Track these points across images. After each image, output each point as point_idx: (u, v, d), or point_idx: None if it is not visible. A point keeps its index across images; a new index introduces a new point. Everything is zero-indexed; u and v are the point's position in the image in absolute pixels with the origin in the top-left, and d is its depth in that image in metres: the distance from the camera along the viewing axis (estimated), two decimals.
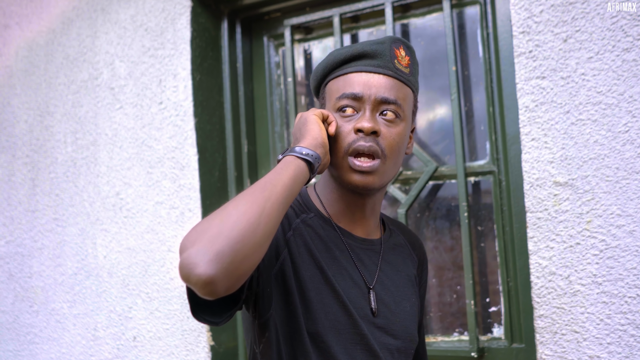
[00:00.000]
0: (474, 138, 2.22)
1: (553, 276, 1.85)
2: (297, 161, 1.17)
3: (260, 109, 2.62)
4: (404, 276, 1.41)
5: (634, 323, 1.75)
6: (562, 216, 1.84)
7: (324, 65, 1.34)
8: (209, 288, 0.98)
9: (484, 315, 2.17)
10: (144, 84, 2.55)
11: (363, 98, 1.27)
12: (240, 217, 1.02)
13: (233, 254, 0.99)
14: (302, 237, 1.27)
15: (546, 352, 1.86)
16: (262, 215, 1.04)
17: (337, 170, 1.28)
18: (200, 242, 0.99)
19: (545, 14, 1.88)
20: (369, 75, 1.28)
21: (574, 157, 1.83)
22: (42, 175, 2.81)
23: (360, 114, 1.27)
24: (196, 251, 0.98)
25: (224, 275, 0.98)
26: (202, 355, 2.39)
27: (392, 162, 1.28)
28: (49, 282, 2.76)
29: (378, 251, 1.37)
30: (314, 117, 1.25)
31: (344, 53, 1.31)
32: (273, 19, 2.61)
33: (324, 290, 1.24)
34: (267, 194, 1.07)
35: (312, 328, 1.22)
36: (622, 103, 1.78)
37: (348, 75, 1.29)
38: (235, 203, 1.06)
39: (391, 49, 1.30)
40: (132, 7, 2.59)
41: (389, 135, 1.26)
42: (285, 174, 1.13)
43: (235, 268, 0.99)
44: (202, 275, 0.97)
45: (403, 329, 1.35)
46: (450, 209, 2.28)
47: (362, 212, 1.34)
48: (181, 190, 2.44)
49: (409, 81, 1.32)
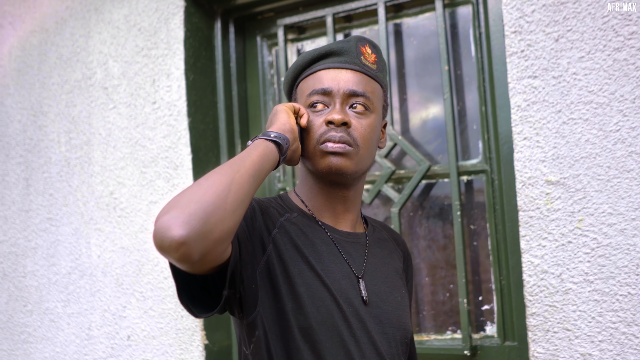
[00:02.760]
0: (466, 137, 2.23)
1: (545, 274, 1.86)
2: (265, 142, 1.21)
3: (254, 109, 2.63)
4: (391, 268, 1.43)
5: (625, 321, 1.76)
6: (554, 215, 1.85)
7: (294, 67, 1.39)
8: (183, 250, 0.99)
9: (476, 314, 2.18)
10: (138, 83, 2.55)
11: (332, 92, 1.31)
12: (211, 185, 1.06)
13: (205, 216, 1.01)
14: (288, 234, 1.28)
15: (538, 350, 1.87)
16: (232, 184, 1.08)
17: (310, 160, 1.32)
18: (173, 209, 1.02)
19: (537, 14, 1.89)
20: (337, 71, 1.32)
21: (566, 156, 1.84)
22: (35, 175, 2.80)
23: (331, 108, 1.31)
24: (169, 216, 1.01)
25: (197, 236, 1.00)
26: (196, 354, 2.40)
27: (366, 152, 1.32)
28: (42, 281, 2.76)
29: (364, 244, 1.39)
30: (284, 107, 1.29)
31: (312, 53, 1.36)
32: (266, 18, 2.61)
33: (314, 284, 1.25)
34: (235, 167, 1.12)
35: (305, 323, 1.22)
36: (613, 102, 1.79)
37: (317, 73, 1.34)
38: (206, 177, 1.10)
39: (357, 46, 1.35)
40: (125, 7, 2.59)
41: (360, 127, 1.30)
42: (254, 152, 1.18)
43: (209, 230, 1.02)
44: (175, 237, 0.99)
45: (396, 318, 1.36)
46: (443, 207, 2.28)
47: (343, 205, 1.37)
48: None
49: (376, 76, 1.36)
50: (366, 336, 1.28)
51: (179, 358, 2.43)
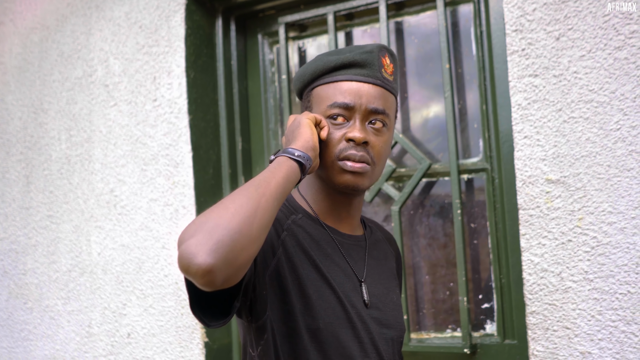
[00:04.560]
0: (467, 136, 2.23)
1: (545, 273, 1.86)
2: (290, 162, 1.20)
3: (255, 107, 2.63)
4: (387, 270, 1.46)
5: (624, 319, 1.77)
6: (554, 213, 1.85)
7: (312, 70, 1.36)
8: (208, 277, 1.00)
9: (476, 312, 2.19)
10: (139, 81, 2.55)
11: (354, 108, 1.30)
12: (238, 209, 1.06)
13: (232, 243, 1.02)
14: (295, 237, 1.29)
15: (538, 349, 1.87)
16: (258, 209, 1.08)
17: (326, 172, 1.32)
18: (200, 233, 1.02)
19: (538, 12, 1.89)
20: (359, 85, 1.31)
21: (566, 154, 1.84)
22: (36, 172, 2.80)
23: (351, 124, 1.30)
24: (196, 241, 1.01)
25: (223, 264, 1.00)
26: (196, 351, 2.40)
27: (380, 168, 1.35)
28: (43, 279, 2.76)
29: (364, 246, 1.41)
30: (307, 121, 1.28)
31: (334, 61, 1.33)
32: (267, 16, 2.61)
33: (321, 287, 1.27)
34: (261, 190, 1.11)
35: (313, 324, 1.24)
36: (614, 101, 1.79)
37: (339, 84, 1.33)
38: (232, 198, 1.09)
39: (379, 58, 1.34)
40: (126, 4, 2.59)
41: (377, 144, 1.31)
42: (279, 173, 1.17)
43: (234, 258, 1.02)
44: (202, 265, 0.99)
45: (394, 318, 1.39)
46: (443, 206, 2.29)
47: (348, 211, 1.39)
48: (175, 188, 2.45)
49: (393, 89, 1.37)
50: (368, 337, 1.31)
51: (179, 356, 2.44)
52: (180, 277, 2.42)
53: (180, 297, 2.43)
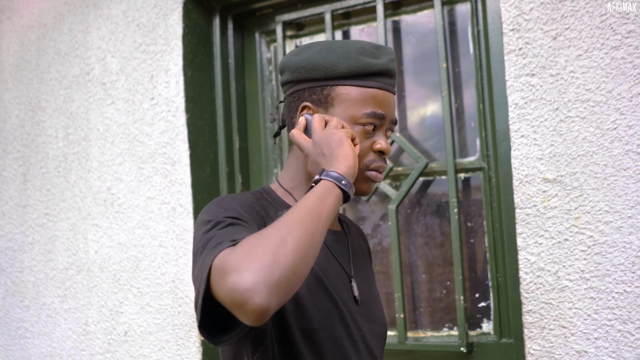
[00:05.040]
0: (464, 135, 2.24)
1: (541, 272, 1.87)
2: (337, 190, 1.15)
3: (252, 105, 2.63)
4: (366, 264, 1.45)
5: (620, 318, 1.77)
6: (551, 212, 1.86)
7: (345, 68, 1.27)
8: (264, 317, 0.95)
9: (473, 311, 2.19)
10: (136, 79, 2.55)
11: (385, 119, 1.29)
12: (297, 247, 1.00)
13: (289, 284, 0.97)
14: None
15: (534, 347, 1.87)
16: (312, 247, 1.03)
17: None
18: (256, 267, 0.95)
19: (535, 12, 1.89)
20: (388, 95, 1.30)
21: (563, 154, 1.85)
22: (33, 170, 2.80)
23: (378, 134, 1.29)
24: (254, 278, 0.94)
25: (277, 305, 0.96)
26: (192, 350, 2.40)
27: None
28: (40, 276, 2.76)
29: (346, 242, 1.39)
30: (348, 141, 1.22)
31: (374, 66, 1.27)
32: (265, 15, 2.61)
33: (314, 286, 1.24)
34: (315, 223, 1.06)
35: (307, 325, 1.22)
36: (611, 100, 1.79)
37: (374, 92, 1.27)
38: (289, 229, 1.02)
39: (396, 66, 1.33)
40: (124, 2, 2.59)
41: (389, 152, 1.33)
42: (329, 203, 1.12)
43: (287, 297, 0.99)
44: (261, 305, 0.94)
45: (379, 314, 1.38)
46: (440, 205, 2.29)
47: None
48: (172, 186, 2.45)
49: None
50: (359, 335, 1.29)
51: (176, 354, 2.44)
52: (177, 276, 2.42)
53: (177, 296, 2.43)
